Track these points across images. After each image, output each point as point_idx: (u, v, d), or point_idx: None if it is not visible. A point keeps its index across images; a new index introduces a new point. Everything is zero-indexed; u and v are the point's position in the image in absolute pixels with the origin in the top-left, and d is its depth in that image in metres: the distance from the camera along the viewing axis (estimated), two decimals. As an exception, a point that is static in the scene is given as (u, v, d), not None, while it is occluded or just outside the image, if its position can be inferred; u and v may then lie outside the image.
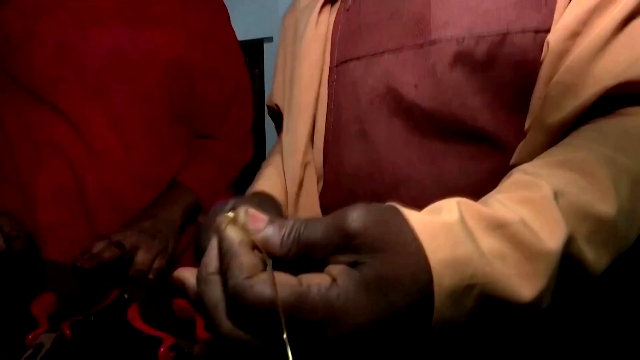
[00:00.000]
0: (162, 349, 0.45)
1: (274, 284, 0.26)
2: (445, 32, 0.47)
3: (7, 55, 0.83)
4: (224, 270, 0.28)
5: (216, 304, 0.28)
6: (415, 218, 0.29)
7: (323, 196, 0.60)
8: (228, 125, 1.00)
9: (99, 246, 0.75)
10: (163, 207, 0.86)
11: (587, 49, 0.41)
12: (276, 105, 0.68)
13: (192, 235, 0.92)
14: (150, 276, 0.78)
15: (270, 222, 0.29)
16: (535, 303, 0.29)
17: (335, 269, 0.28)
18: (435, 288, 0.27)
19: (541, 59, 0.44)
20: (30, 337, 0.47)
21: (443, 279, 0.27)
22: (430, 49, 0.48)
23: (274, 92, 0.68)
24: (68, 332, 0.48)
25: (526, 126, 0.45)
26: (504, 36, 0.44)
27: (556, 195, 0.32)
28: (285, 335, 0.26)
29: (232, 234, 0.28)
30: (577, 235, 0.31)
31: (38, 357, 0.44)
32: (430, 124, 0.49)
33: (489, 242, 0.29)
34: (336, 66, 0.58)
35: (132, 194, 0.87)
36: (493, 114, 0.46)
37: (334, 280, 0.27)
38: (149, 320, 0.51)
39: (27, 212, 0.84)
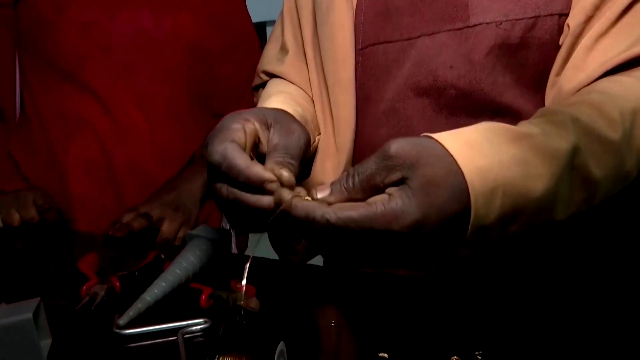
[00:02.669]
0: (203, 297, 0.50)
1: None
2: (484, 17, 0.52)
3: (38, 35, 0.88)
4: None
5: None
6: (443, 137, 0.38)
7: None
8: (244, 105, 1.04)
9: (128, 217, 0.81)
10: (185, 180, 0.92)
11: (596, 30, 0.48)
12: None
13: (213, 207, 0.98)
14: (177, 243, 0.84)
15: (331, 183, 0.40)
16: (549, 202, 0.38)
17: (391, 189, 0.37)
18: (470, 189, 0.36)
19: (561, 40, 0.50)
20: (84, 288, 0.53)
21: (474, 181, 0.36)
22: (468, 32, 0.53)
23: (291, 61, 0.69)
24: (117, 284, 0.54)
25: (546, 102, 0.52)
26: (535, 19, 0.50)
27: (573, 120, 0.41)
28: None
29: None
30: (586, 150, 0.40)
31: (95, 304, 0.50)
32: (461, 101, 0.54)
33: (511, 151, 0.38)
34: (361, 48, 0.60)
35: (156, 167, 0.92)
36: (518, 91, 0.52)
37: (390, 195, 0.37)
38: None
39: (58, 185, 0.90)
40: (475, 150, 0.37)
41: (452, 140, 0.38)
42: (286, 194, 0.39)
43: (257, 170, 0.41)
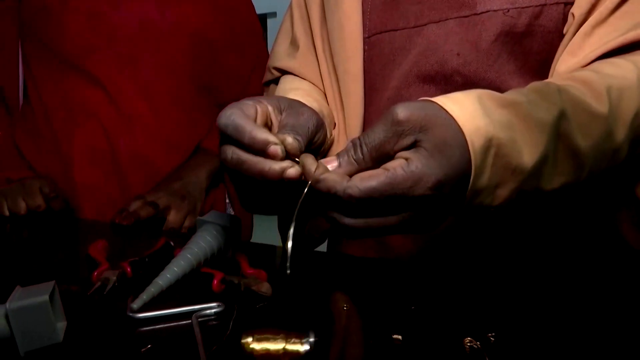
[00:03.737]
0: (215, 282, 0.51)
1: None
2: (491, 4, 0.52)
3: (42, 25, 0.87)
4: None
5: None
6: (442, 100, 0.39)
7: None
8: (248, 94, 1.04)
9: (135, 205, 0.81)
10: (190, 170, 0.92)
11: (595, 18, 0.48)
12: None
13: (217, 196, 0.98)
14: (183, 232, 0.84)
15: (338, 156, 0.39)
16: (535, 168, 0.39)
17: (404, 153, 0.37)
18: (470, 147, 0.37)
19: (565, 29, 0.50)
20: (96, 273, 0.53)
21: (473, 140, 0.37)
22: (475, 19, 0.53)
23: (302, 56, 0.69)
24: (129, 269, 0.54)
25: None
26: (542, 7, 0.50)
27: (560, 90, 0.42)
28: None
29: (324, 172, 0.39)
30: (571, 118, 0.40)
31: (107, 289, 0.50)
32: (466, 88, 0.53)
33: (501, 115, 0.39)
34: (367, 37, 0.60)
35: (161, 157, 0.92)
36: (522, 79, 0.53)
37: (407, 159, 0.36)
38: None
39: (64, 175, 0.90)
40: (471, 112, 0.38)
41: (450, 102, 0.39)
42: (310, 163, 0.39)
43: (262, 131, 0.40)
